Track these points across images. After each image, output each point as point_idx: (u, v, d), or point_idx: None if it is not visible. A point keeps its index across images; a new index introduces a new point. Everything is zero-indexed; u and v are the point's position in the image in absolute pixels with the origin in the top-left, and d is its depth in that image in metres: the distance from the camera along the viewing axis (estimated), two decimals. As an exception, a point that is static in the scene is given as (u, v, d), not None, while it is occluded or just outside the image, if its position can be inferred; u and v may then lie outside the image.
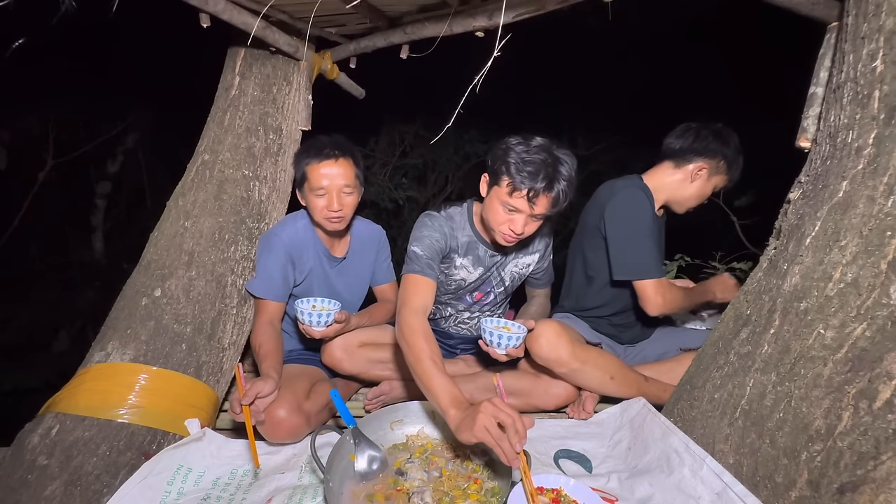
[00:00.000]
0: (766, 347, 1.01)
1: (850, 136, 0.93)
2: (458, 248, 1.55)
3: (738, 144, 1.56)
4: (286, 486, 1.17)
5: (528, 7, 1.21)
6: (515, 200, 1.31)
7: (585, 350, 1.47)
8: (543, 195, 1.29)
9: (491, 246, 1.57)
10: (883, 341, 0.82)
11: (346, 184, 1.47)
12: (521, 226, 1.34)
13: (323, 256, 1.60)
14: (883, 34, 0.89)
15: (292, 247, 1.53)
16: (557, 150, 1.33)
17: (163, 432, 1.30)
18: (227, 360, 1.51)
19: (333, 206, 1.46)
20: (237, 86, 1.65)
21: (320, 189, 1.46)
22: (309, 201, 1.50)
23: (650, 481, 1.11)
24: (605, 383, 1.47)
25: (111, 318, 1.42)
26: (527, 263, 1.66)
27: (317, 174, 1.45)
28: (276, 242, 1.51)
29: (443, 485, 1.09)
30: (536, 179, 1.27)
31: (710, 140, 1.54)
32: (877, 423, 0.81)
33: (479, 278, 1.62)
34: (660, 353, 1.73)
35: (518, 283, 1.71)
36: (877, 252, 0.85)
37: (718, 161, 1.55)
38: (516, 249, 1.61)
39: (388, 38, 1.56)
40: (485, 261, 1.59)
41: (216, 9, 1.31)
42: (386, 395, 1.58)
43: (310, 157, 1.47)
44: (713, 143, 1.54)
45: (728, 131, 1.56)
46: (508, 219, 1.35)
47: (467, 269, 1.59)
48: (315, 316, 1.41)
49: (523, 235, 1.38)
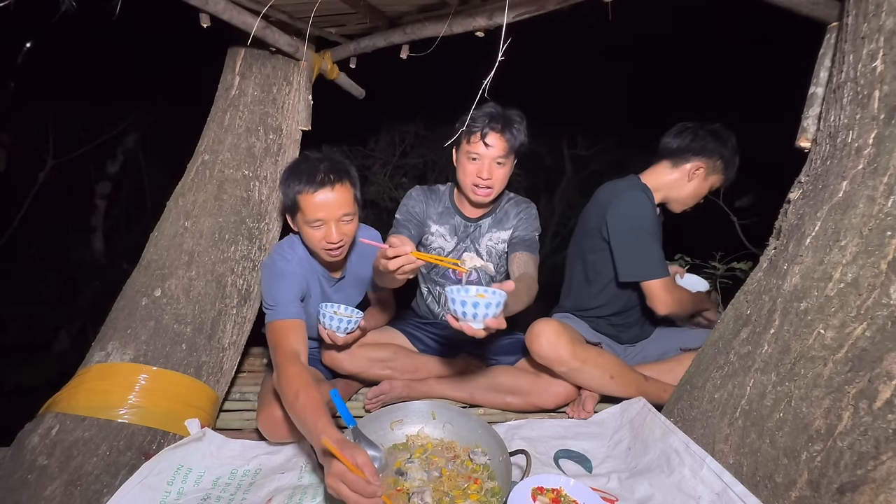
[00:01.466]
0: (766, 347, 1.01)
1: (850, 136, 0.93)
2: (434, 215, 1.72)
3: (735, 144, 1.58)
4: (286, 487, 1.17)
5: (528, 7, 1.21)
6: (473, 146, 1.51)
7: (585, 349, 1.47)
8: (495, 134, 1.49)
9: (465, 217, 1.71)
10: (883, 341, 0.82)
11: (344, 213, 1.33)
12: (486, 171, 1.52)
13: (322, 280, 1.54)
14: (883, 34, 0.89)
15: (301, 271, 1.44)
16: (509, 109, 1.53)
17: (163, 432, 1.30)
18: (226, 359, 1.51)
19: (332, 237, 1.33)
20: (237, 86, 1.65)
21: (316, 221, 1.31)
22: (304, 232, 1.37)
23: (650, 481, 1.11)
24: (605, 383, 1.47)
25: (111, 318, 1.42)
26: (503, 239, 1.71)
27: (311, 204, 1.30)
28: (287, 270, 1.40)
29: (443, 485, 1.09)
30: (486, 122, 1.49)
31: (707, 140, 1.55)
32: (877, 423, 0.81)
33: (456, 248, 1.73)
34: (660, 353, 1.73)
35: (498, 261, 1.74)
36: (877, 252, 0.85)
37: (716, 160, 1.56)
38: (492, 224, 1.70)
39: (388, 38, 1.56)
40: (459, 230, 1.72)
41: (216, 9, 1.31)
42: (386, 395, 1.58)
43: (302, 185, 1.30)
44: (711, 143, 1.55)
45: (725, 131, 1.57)
46: (475, 168, 1.53)
47: (444, 237, 1.73)
48: (344, 322, 1.39)
49: (491, 183, 1.54)
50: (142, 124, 4.42)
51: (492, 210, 1.71)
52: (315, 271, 1.52)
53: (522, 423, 1.48)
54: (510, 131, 1.50)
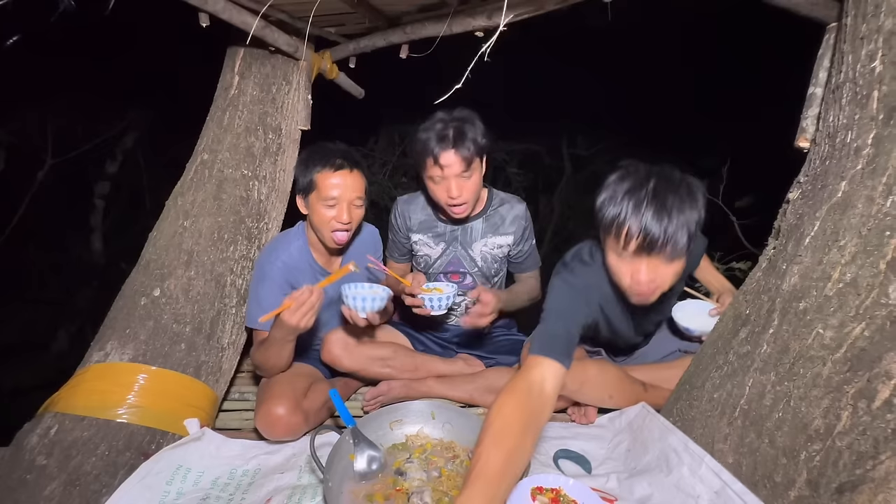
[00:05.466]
0: (765, 347, 1.01)
1: (848, 136, 0.94)
2: (413, 225, 1.71)
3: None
4: (285, 486, 1.17)
5: (527, 7, 1.21)
6: (431, 170, 1.47)
7: (584, 369, 1.43)
8: (446, 153, 1.43)
9: (449, 222, 1.68)
10: (882, 341, 0.82)
11: (357, 196, 1.43)
12: (454, 189, 1.47)
13: (319, 276, 1.54)
14: (882, 34, 0.89)
15: (288, 272, 1.47)
16: (456, 112, 1.46)
17: (162, 432, 1.29)
18: (226, 359, 1.51)
19: (343, 217, 1.40)
20: (236, 85, 1.65)
21: (331, 199, 1.40)
22: (315, 211, 1.43)
23: (649, 481, 1.11)
24: (604, 400, 1.46)
25: (110, 318, 1.42)
26: (499, 244, 1.68)
27: (329, 183, 1.39)
28: (271, 271, 1.45)
29: (442, 485, 1.09)
30: (433, 142, 1.43)
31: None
32: (876, 423, 0.81)
33: (444, 254, 1.71)
34: (661, 355, 1.72)
35: (495, 265, 1.73)
36: (876, 252, 0.85)
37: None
38: (486, 229, 1.68)
39: (388, 38, 1.56)
40: (444, 235, 1.69)
41: (215, 8, 1.31)
42: (384, 396, 1.58)
43: (321, 165, 1.40)
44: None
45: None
46: (442, 188, 1.49)
47: (428, 245, 1.71)
48: (369, 301, 1.33)
49: (463, 198, 1.49)
50: (141, 124, 4.42)
51: (481, 211, 1.68)
52: (312, 266, 1.53)
53: (522, 423, 1.48)
54: (462, 144, 1.43)
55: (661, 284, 1.12)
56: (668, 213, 1.03)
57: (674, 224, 1.04)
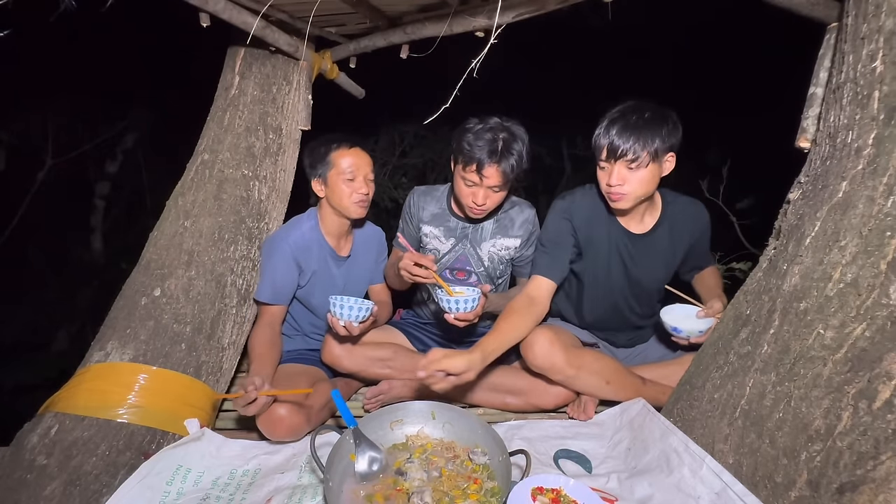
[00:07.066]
0: (765, 347, 1.01)
1: (849, 136, 0.94)
2: (425, 217, 1.72)
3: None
4: (286, 486, 1.17)
5: (528, 7, 1.22)
6: (469, 174, 1.47)
7: (580, 356, 1.46)
8: (491, 167, 1.43)
9: (463, 219, 1.69)
10: (882, 341, 0.82)
11: (370, 170, 1.55)
12: (481, 198, 1.49)
13: (328, 257, 1.61)
14: (883, 34, 0.89)
15: (298, 250, 1.54)
16: (511, 126, 1.48)
17: (162, 432, 1.30)
18: (226, 359, 1.51)
19: (362, 188, 1.52)
20: (237, 85, 1.65)
21: (350, 172, 1.50)
22: (335, 187, 1.52)
23: (650, 481, 1.11)
24: (602, 388, 1.47)
25: (110, 318, 1.42)
26: (506, 246, 1.70)
27: (346, 159, 1.51)
28: (282, 246, 1.53)
29: (442, 485, 1.08)
30: (484, 153, 1.42)
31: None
32: (876, 423, 0.81)
33: (452, 250, 1.71)
34: (661, 355, 1.72)
35: (501, 266, 1.74)
36: (876, 252, 0.85)
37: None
38: (496, 230, 1.69)
39: (388, 38, 1.56)
40: (455, 231, 1.70)
41: (216, 8, 1.31)
42: (385, 395, 1.58)
43: (335, 145, 1.52)
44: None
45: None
46: (470, 192, 1.50)
47: (438, 238, 1.72)
48: (355, 310, 1.38)
49: (486, 206, 1.52)
50: (141, 124, 4.42)
51: (493, 212, 1.69)
52: (321, 247, 1.60)
53: (522, 423, 1.48)
54: (508, 163, 1.43)
55: (629, 191, 1.34)
56: (630, 128, 1.30)
57: (633, 137, 1.29)
